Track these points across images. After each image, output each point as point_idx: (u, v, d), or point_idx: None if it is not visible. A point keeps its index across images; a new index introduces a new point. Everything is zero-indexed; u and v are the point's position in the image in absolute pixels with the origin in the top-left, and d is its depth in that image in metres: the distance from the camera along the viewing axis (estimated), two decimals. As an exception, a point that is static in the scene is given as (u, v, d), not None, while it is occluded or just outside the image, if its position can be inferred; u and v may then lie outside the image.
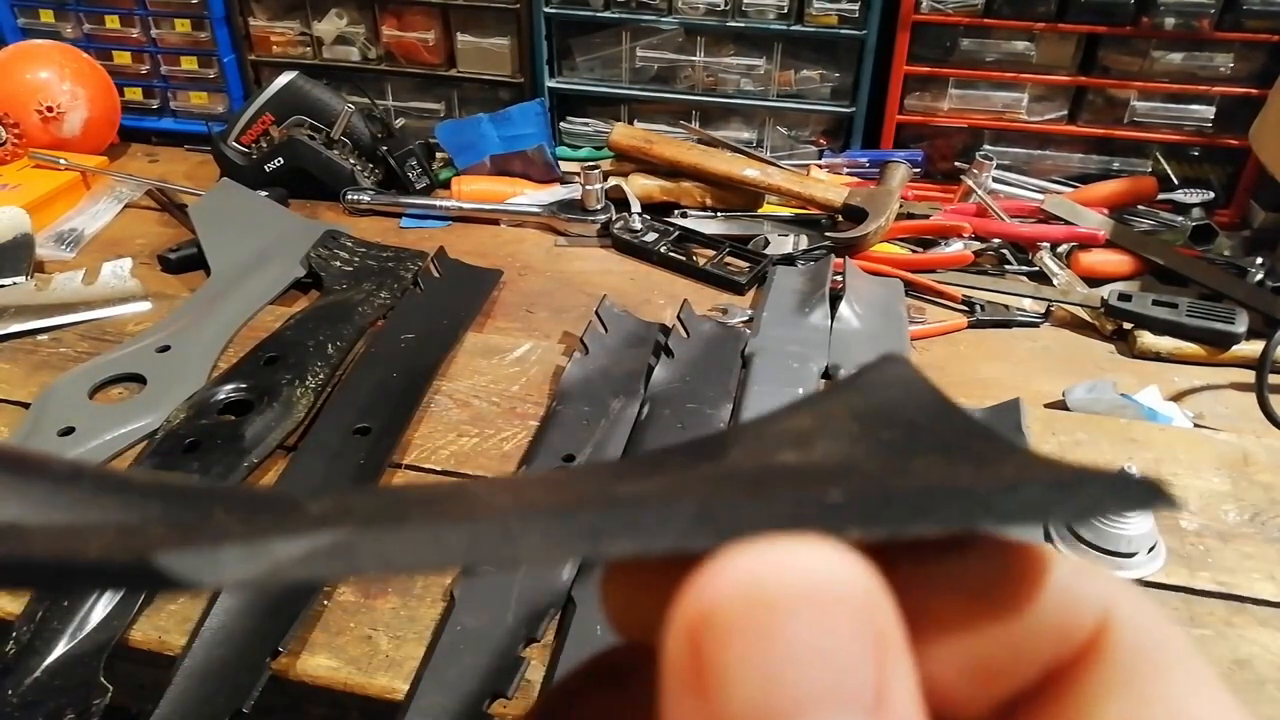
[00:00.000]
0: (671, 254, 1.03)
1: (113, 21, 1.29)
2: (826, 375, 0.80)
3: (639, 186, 1.12)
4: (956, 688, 0.14)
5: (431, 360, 0.79)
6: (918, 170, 1.17)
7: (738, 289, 0.97)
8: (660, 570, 0.14)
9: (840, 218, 1.08)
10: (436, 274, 0.93)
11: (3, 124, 1.16)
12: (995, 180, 1.12)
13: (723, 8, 1.15)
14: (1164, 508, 0.12)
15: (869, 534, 0.12)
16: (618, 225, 1.07)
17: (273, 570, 0.10)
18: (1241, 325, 0.87)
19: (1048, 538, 0.62)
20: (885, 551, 0.12)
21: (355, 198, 1.12)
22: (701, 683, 0.11)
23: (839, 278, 0.92)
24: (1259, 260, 0.99)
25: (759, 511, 0.11)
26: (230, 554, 0.10)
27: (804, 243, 1.05)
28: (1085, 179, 1.16)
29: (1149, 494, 0.12)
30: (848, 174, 1.18)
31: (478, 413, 0.76)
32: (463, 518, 0.11)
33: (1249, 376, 0.82)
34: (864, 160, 1.18)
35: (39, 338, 0.86)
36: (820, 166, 1.18)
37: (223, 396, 0.74)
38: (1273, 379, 0.79)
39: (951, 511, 0.12)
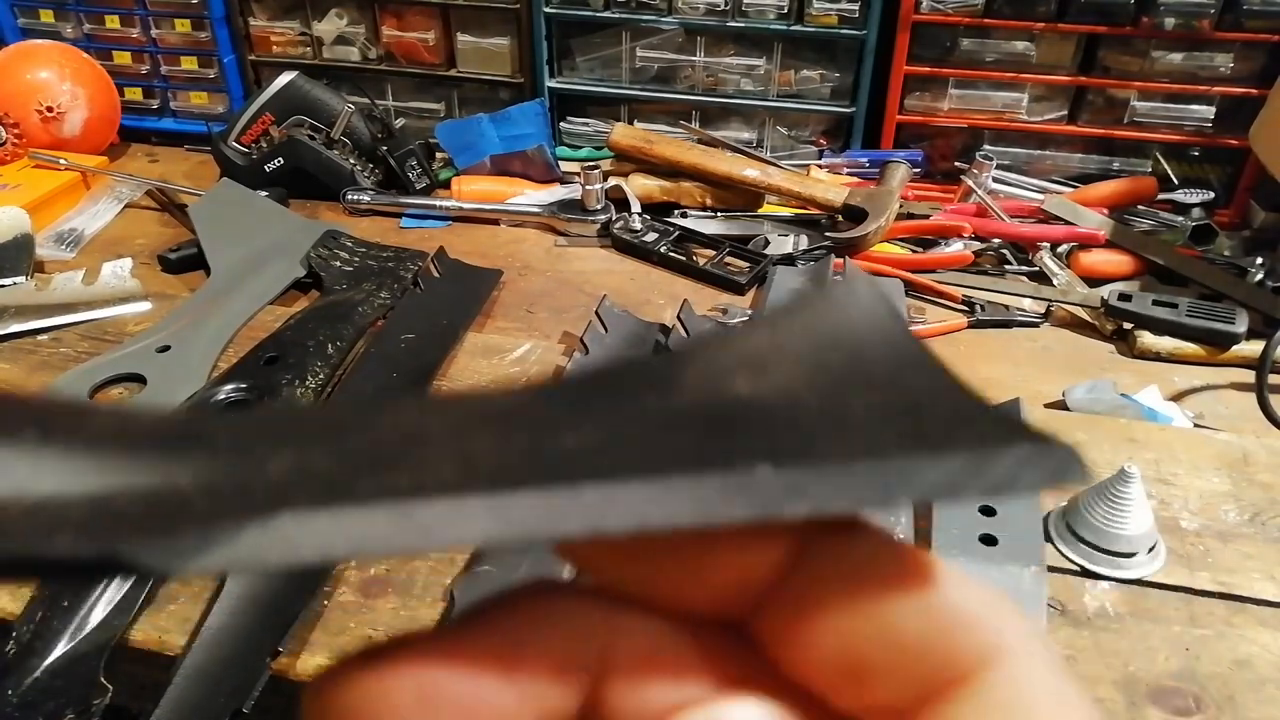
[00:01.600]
0: (671, 254, 1.03)
1: (113, 21, 1.29)
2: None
3: (639, 186, 1.12)
4: (832, 684, 0.14)
5: (431, 360, 0.79)
6: (918, 170, 1.17)
7: (738, 289, 0.97)
8: None
9: (840, 218, 1.08)
10: (436, 274, 0.93)
11: (3, 124, 1.16)
12: (995, 180, 1.12)
13: (723, 8, 1.15)
14: (1077, 481, 0.13)
15: (794, 513, 0.12)
16: (618, 225, 1.06)
17: (224, 563, 0.11)
18: (1241, 325, 0.87)
19: (1048, 538, 0.62)
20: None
21: (355, 198, 1.12)
22: None
23: (839, 278, 0.92)
24: (1259, 260, 0.98)
25: (692, 496, 0.12)
26: (186, 545, 0.11)
27: (804, 243, 1.05)
28: (1085, 179, 1.16)
29: (1063, 468, 0.13)
30: (848, 174, 1.18)
31: (478, 413, 0.76)
32: (405, 491, 0.12)
33: (1249, 376, 0.82)
34: (864, 160, 1.18)
35: (39, 338, 0.85)
36: (820, 166, 1.18)
37: (223, 396, 0.74)
38: (1273, 379, 0.79)
39: (872, 487, 0.12)
